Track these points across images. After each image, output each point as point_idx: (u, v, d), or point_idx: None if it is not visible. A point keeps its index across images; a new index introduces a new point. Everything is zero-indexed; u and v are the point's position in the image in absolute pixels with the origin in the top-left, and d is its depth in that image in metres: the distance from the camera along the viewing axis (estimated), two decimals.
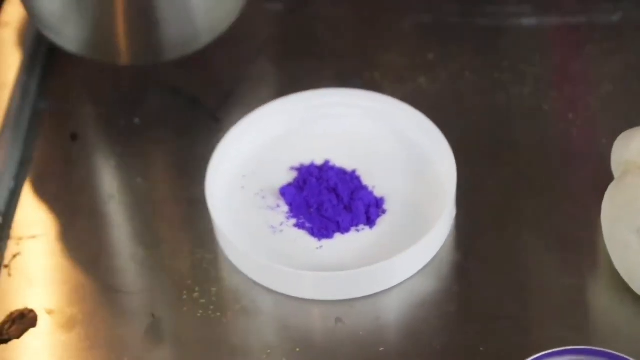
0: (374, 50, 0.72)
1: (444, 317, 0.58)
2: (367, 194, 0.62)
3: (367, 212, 0.61)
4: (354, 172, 0.64)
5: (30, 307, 0.60)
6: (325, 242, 0.61)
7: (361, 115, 0.66)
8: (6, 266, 0.62)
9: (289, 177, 0.64)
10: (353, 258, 0.60)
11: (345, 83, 0.68)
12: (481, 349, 0.57)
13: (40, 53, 0.73)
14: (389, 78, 0.69)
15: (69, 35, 0.65)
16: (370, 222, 0.61)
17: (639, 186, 0.56)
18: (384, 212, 0.62)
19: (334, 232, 0.61)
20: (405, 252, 0.59)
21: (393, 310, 0.59)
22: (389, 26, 0.73)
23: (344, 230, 0.61)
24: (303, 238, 0.61)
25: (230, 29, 0.74)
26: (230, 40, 0.74)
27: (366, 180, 0.63)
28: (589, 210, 0.61)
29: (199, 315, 0.59)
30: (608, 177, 0.60)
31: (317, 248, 0.61)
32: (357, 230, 0.61)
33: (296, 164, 0.64)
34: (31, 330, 0.59)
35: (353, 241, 0.61)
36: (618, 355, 0.52)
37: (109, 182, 0.66)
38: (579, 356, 0.53)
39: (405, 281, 0.60)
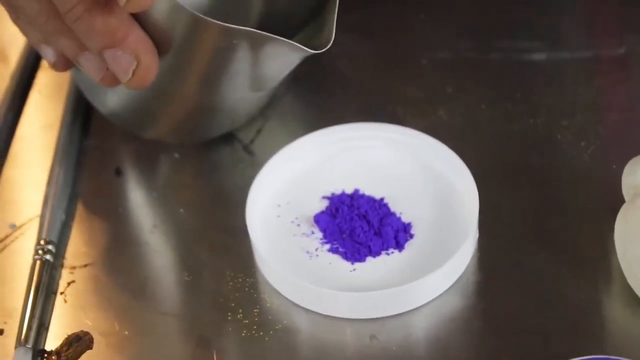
0: (395, 86, 0.76)
1: (470, 332, 0.63)
2: (395, 220, 0.66)
3: (396, 237, 0.66)
4: (382, 199, 0.68)
5: (85, 330, 0.64)
6: (358, 265, 0.65)
7: (386, 147, 0.70)
8: (62, 293, 0.66)
9: (321, 205, 0.68)
10: (384, 279, 0.64)
11: (369, 117, 0.73)
12: None
13: (82, 95, 0.77)
14: (410, 111, 0.74)
15: (124, 117, 0.70)
16: (399, 246, 0.65)
17: None
18: (411, 236, 0.66)
19: (365, 255, 0.65)
20: (433, 273, 0.63)
21: (423, 327, 0.63)
22: (409, 62, 0.78)
23: (375, 254, 0.65)
24: (337, 262, 0.65)
25: None
26: None
27: (394, 207, 0.67)
28: (602, 230, 0.65)
29: (243, 334, 0.63)
30: (619, 200, 0.64)
31: (351, 271, 0.65)
32: (387, 254, 0.65)
33: (327, 194, 0.69)
34: (87, 352, 0.63)
35: (384, 264, 0.65)
36: None
37: (152, 213, 0.71)
38: None
39: (433, 300, 0.64)
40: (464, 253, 0.64)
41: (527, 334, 0.62)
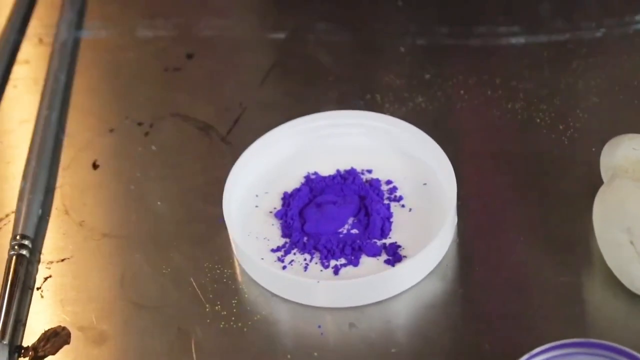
0: (373, 73, 0.76)
1: (450, 318, 0.62)
2: (382, 208, 0.66)
3: (382, 227, 0.65)
4: (365, 185, 0.67)
5: (63, 325, 0.64)
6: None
7: (364, 134, 0.70)
8: (38, 288, 0.66)
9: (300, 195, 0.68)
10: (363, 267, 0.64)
11: (348, 105, 0.72)
12: (487, 346, 0.60)
13: (58, 89, 0.77)
14: (389, 99, 0.74)
15: None
16: (384, 235, 0.65)
17: (627, 188, 0.60)
18: (390, 223, 0.66)
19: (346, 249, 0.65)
20: (412, 259, 0.63)
21: (402, 314, 0.63)
22: (387, 50, 0.78)
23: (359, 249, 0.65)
24: (316, 252, 0.65)
25: (236, 58, 0.78)
26: (236, 69, 0.79)
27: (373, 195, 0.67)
28: (581, 212, 0.64)
29: (221, 326, 0.63)
30: (598, 182, 0.63)
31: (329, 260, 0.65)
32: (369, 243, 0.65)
33: (305, 183, 0.68)
34: (65, 347, 0.63)
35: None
36: (614, 346, 0.56)
37: (130, 206, 0.70)
38: (578, 348, 0.56)
39: (413, 287, 0.63)
40: (442, 239, 0.64)
41: (508, 319, 0.62)
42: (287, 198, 0.67)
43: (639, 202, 0.59)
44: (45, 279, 0.66)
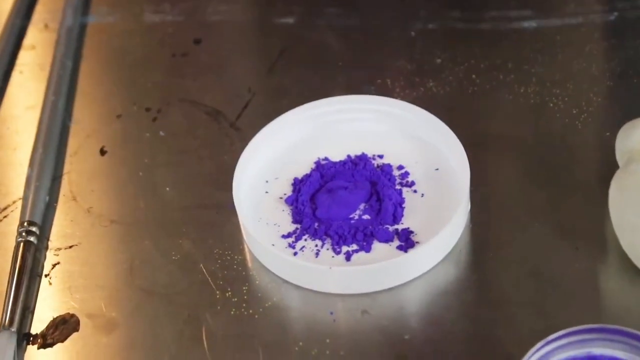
0: (383, 58, 0.75)
1: (463, 305, 0.61)
2: (394, 194, 0.65)
3: (394, 213, 0.64)
4: (376, 170, 0.67)
5: (71, 312, 0.63)
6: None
7: (375, 120, 0.69)
8: (47, 275, 0.65)
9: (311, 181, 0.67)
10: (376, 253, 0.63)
11: (358, 90, 0.71)
12: (500, 332, 0.60)
13: (65, 74, 0.76)
14: (400, 83, 0.73)
15: None
16: (396, 221, 0.64)
17: None
18: (403, 209, 0.65)
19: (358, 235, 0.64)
20: (425, 245, 0.62)
21: (415, 301, 0.62)
22: (397, 34, 0.77)
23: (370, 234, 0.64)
24: (327, 238, 0.64)
25: (244, 43, 0.77)
26: (245, 54, 0.78)
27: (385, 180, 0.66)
28: (596, 198, 0.63)
29: (232, 313, 0.62)
30: (613, 167, 0.62)
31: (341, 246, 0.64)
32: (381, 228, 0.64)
33: (316, 168, 0.67)
34: (74, 334, 0.62)
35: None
36: (630, 332, 0.55)
37: (138, 192, 0.69)
38: (593, 334, 0.56)
39: (426, 273, 0.63)
40: (455, 224, 0.63)
41: (522, 306, 0.61)
42: (297, 184, 0.67)
43: None
44: (54, 265, 0.66)
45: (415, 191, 0.66)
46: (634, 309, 0.60)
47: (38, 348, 0.62)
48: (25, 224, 0.66)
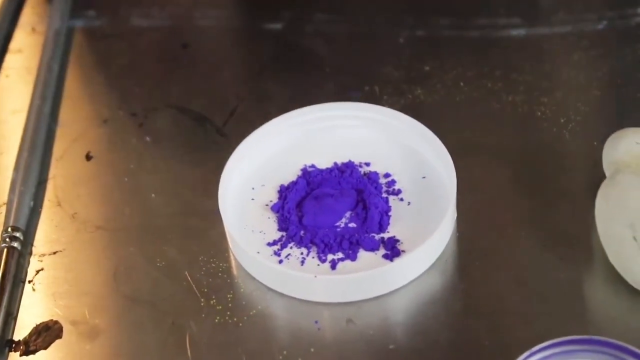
0: (371, 65, 0.75)
1: (449, 314, 0.61)
2: (380, 202, 0.65)
3: (380, 221, 0.64)
4: (362, 178, 0.66)
5: (54, 319, 0.63)
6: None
7: (362, 127, 0.69)
8: (30, 281, 0.65)
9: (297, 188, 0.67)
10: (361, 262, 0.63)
11: (346, 97, 0.71)
12: (486, 342, 0.59)
13: (51, 79, 0.76)
14: (387, 91, 0.73)
15: None
16: (382, 230, 0.64)
17: (630, 183, 0.59)
18: (389, 217, 0.65)
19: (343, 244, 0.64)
20: (411, 253, 0.61)
21: (401, 310, 0.62)
22: (385, 42, 0.76)
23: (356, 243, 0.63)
24: (313, 245, 0.64)
25: (232, 49, 0.77)
26: (233, 60, 0.78)
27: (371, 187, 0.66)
28: (583, 208, 0.63)
29: (216, 321, 0.62)
30: (600, 177, 0.62)
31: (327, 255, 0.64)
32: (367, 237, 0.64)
33: (302, 175, 0.67)
34: (57, 341, 0.62)
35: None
36: (616, 343, 0.55)
37: (124, 198, 0.69)
38: (579, 345, 0.56)
39: (411, 282, 0.62)
40: (441, 233, 0.63)
41: (508, 315, 0.61)
42: (283, 191, 0.66)
43: None
44: (37, 272, 0.65)
45: (401, 199, 0.65)
46: (620, 320, 0.60)
47: (20, 355, 0.61)
48: (9, 229, 0.65)
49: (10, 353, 0.61)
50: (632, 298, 0.61)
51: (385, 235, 0.63)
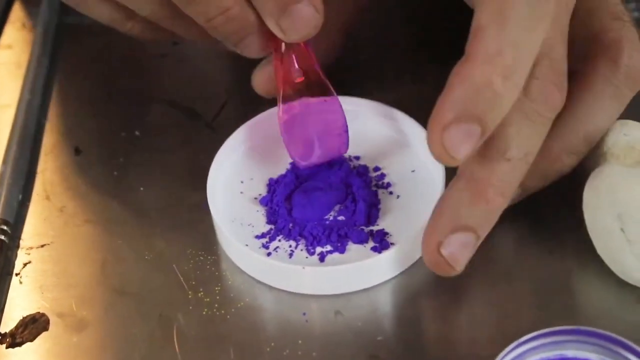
0: (362, 59, 0.75)
1: (437, 306, 0.61)
2: (369, 194, 0.64)
3: (368, 213, 0.64)
4: (352, 170, 0.66)
5: (41, 311, 0.62)
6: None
7: (350, 119, 0.68)
8: (17, 274, 0.64)
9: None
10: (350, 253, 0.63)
11: (337, 91, 0.71)
12: (474, 335, 0.59)
13: (41, 73, 0.76)
14: (378, 84, 0.72)
15: None
16: (371, 222, 0.64)
17: (617, 174, 0.59)
18: (378, 210, 0.65)
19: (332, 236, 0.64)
20: (399, 246, 0.61)
21: (389, 302, 0.62)
22: (375, 38, 0.76)
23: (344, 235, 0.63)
24: (301, 238, 0.64)
25: (222, 44, 0.77)
26: (222, 55, 0.77)
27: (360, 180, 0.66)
28: (572, 201, 0.63)
29: (204, 313, 0.61)
30: (588, 169, 0.62)
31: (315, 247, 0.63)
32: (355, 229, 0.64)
33: (289, 167, 0.67)
34: (44, 333, 0.61)
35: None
36: (604, 333, 0.55)
37: (113, 191, 0.69)
38: (567, 336, 0.55)
39: (400, 274, 0.62)
40: None
41: (496, 307, 0.61)
42: (272, 184, 0.66)
43: (630, 188, 0.58)
44: (25, 264, 0.65)
45: (391, 193, 0.65)
46: (608, 312, 0.60)
47: (6, 347, 0.61)
48: None
49: None
50: (620, 290, 0.60)
51: (374, 228, 0.63)
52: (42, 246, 0.66)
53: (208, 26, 0.62)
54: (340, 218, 0.64)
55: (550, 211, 0.64)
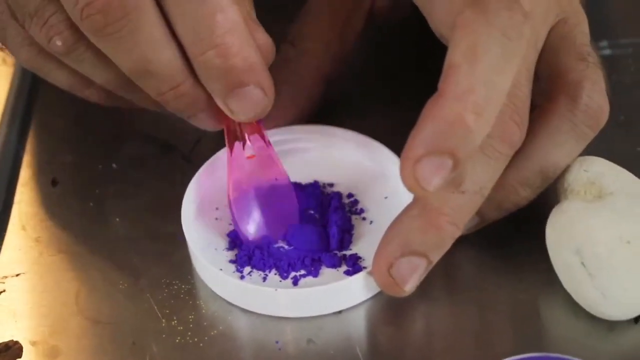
0: (333, 86, 0.75)
1: (408, 334, 0.61)
2: (342, 218, 0.65)
3: (341, 239, 0.64)
4: (327, 197, 0.67)
5: (15, 339, 0.62)
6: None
7: (323, 148, 0.69)
8: None
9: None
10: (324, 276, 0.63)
11: (307, 121, 0.72)
12: None
13: (19, 106, 0.76)
14: (349, 112, 0.73)
15: None
16: (343, 247, 0.64)
17: (575, 209, 0.60)
18: (351, 235, 0.65)
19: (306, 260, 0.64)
20: (371, 269, 0.62)
21: (361, 331, 0.62)
22: (350, 68, 0.77)
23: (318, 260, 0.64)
24: (277, 262, 0.64)
25: None
26: None
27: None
28: (541, 231, 0.62)
29: (177, 341, 0.62)
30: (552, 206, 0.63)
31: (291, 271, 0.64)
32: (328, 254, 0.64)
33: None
34: None
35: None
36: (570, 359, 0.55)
37: (88, 222, 0.69)
38: None
39: (372, 299, 0.63)
40: None
41: (466, 335, 0.61)
42: None
43: (588, 222, 0.59)
44: None
45: (364, 218, 0.66)
46: (579, 340, 0.60)
47: None
48: None
49: None
50: (591, 318, 0.61)
51: (347, 253, 0.64)
52: (17, 275, 0.66)
53: (160, 100, 0.63)
54: None
55: (520, 241, 0.64)
